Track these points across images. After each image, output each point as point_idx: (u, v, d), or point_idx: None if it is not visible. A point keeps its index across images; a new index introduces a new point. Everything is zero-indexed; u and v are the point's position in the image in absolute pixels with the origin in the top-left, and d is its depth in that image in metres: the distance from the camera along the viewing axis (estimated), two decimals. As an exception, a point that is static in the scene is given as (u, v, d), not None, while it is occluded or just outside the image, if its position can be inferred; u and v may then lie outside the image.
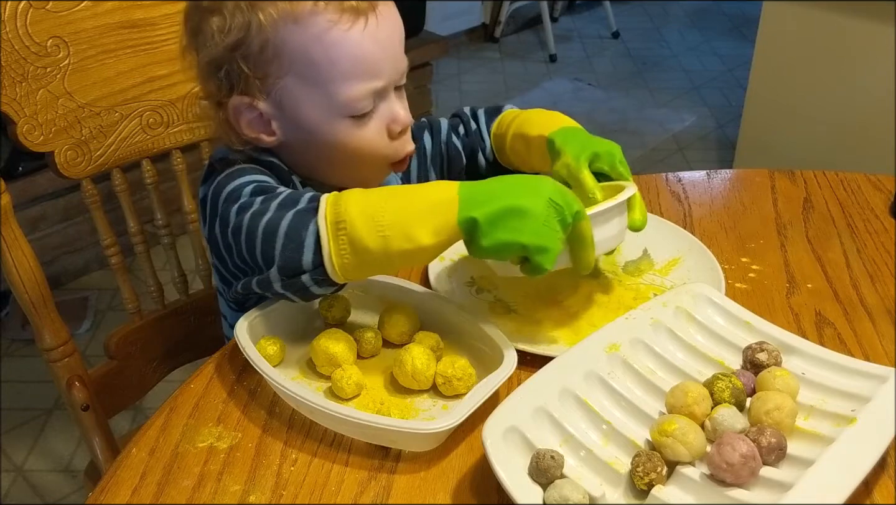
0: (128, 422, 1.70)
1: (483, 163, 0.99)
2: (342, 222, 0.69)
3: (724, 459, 0.61)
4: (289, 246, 0.71)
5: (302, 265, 0.71)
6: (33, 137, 0.92)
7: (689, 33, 3.76)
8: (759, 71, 2.38)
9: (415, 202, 0.70)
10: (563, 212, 0.70)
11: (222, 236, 0.78)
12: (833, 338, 0.81)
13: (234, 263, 0.79)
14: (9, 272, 0.91)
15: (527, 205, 0.69)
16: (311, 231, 0.70)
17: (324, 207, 0.71)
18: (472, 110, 1.01)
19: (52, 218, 2.06)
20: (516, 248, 0.69)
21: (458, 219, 0.69)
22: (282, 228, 0.71)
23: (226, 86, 0.80)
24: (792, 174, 1.10)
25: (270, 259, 0.72)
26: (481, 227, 0.69)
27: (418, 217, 0.69)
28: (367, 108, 0.80)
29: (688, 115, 3.04)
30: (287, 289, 0.73)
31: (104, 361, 1.06)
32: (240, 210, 0.75)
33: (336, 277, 0.71)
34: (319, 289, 0.73)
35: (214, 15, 0.78)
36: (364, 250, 0.69)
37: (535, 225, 0.69)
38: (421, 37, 2.72)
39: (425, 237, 0.69)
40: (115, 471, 0.68)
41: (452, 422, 0.66)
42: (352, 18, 0.77)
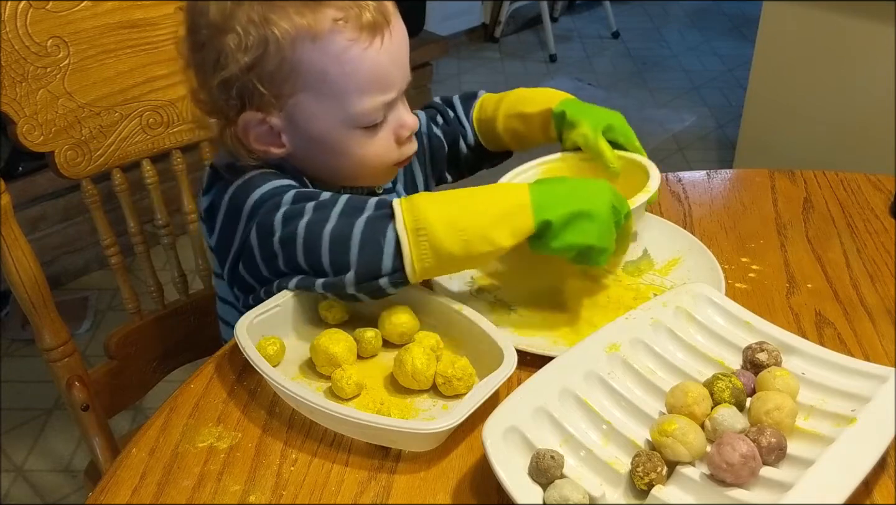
0: (128, 422, 1.70)
1: (465, 149, 1.02)
2: (422, 229, 0.72)
3: (724, 459, 0.61)
4: (366, 252, 0.73)
5: (381, 270, 0.73)
6: (33, 137, 0.92)
7: (689, 33, 3.76)
8: (759, 71, 2.38)
9: (491, 207, 0.74)
10: (620, 214, 0.76)
11: (262, 245, 0.77)
12: (833, 338, 0.81)
13: (275, 270, 0.79)
14: (9, 272, 0.91)
15: (594, 209, 0.74)
16: (390, 238, 0.72)
17: (400, 214, 0.73)
18: (446, 99, 1.03)
19: (52, 218, 2.06)
20: (583, 248, 0.74)
21: (535, 222, 0.73)
22: (355, 236, 0.73)
23: (237, 103, 0.80)
24: (792, 174, 1.10)
25: (344, 265, 0.74)
26: (554, 229, 0.73)
27: (497, 221, 0.73)
28: (379, 118, 0.82)
29: (688, 115, 3.04)
30: (361, 291, 0.75)
31: (104, 361, 1.06)
32: (287, 218, 0.76)
33: (415, 278, 0.74)
34: (394, 289, 0.76)
35: (228, 32, 0.76)
36: (446, 254, 0.72)
37: (600, 228, 0.74)
38: (421, 37, 2.72)
39: (505, 240, 0.73)
40: (115, 471, 0.68)
41: (452, 422, 0.66)
42: (370, 37, 0.77)
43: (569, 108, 0.91)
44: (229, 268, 0.84)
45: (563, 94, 0.95)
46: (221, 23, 0.76)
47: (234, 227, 0.80)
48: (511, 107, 0.96)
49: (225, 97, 0.79)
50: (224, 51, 0.76)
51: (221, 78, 0.78)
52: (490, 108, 0.99)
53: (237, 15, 0.75)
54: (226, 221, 0.81)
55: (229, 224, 0.81)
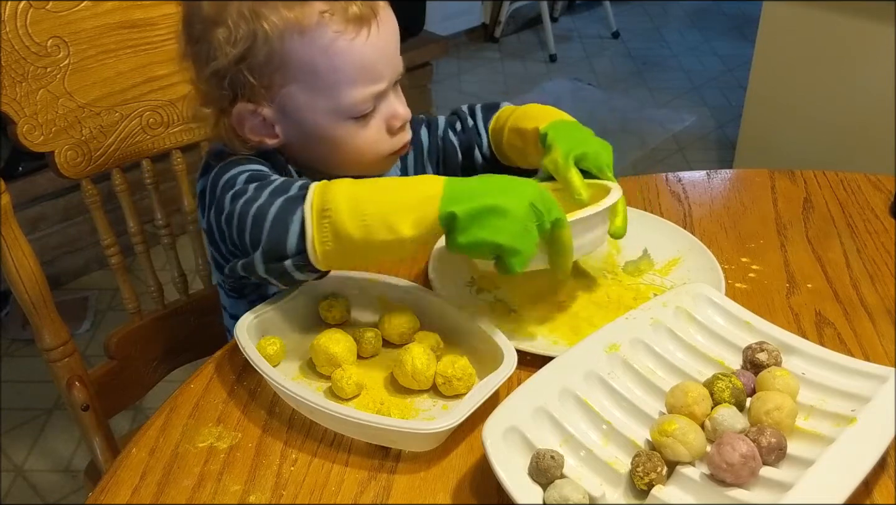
0: (128, 422, 1.70)
1: (480, 159, 1.00)
2: (327, 210, 0.71)
3: (724, 459, 0.61)
4: (275, 230, 0.72)
5: (286, 250, 0.72)
6: (33, 137, 0.92)
7: (689, 33, 3.76)
8: (759, 71, 2.38)
9: (399, 194, 0.72)
10: (543, 217, 0.71)
11: (216, 223, 0.80)
12: (833, 338, 0.81)
13: (228, 249, 0.81)
14: (9, 272, 0.91)
15: (507, 205, 0.69)
16: (297, 217, 0.72)
17: (311, 195, 0.72)
18: (470, 107, 1.02)
19: (52, 218, 2.06)
20: (491, 246, 0.70)
21: (439, 213, 0.70)
22: (270, 214, 0.73)
23: (229, 94, 0.82)
24: (792, 174, 1.10)
25: (257, 242, 0.74)
26: (460, 223, 0.70)
27: (401, 209, 0.70)
28: (369, 109, 0.83)
29: (688, 115, 3.04)
30: (270, 273, 0.75)
31: (104, 361, 1.06)
32: (234, 197, 0.77)
33: (317, 263, 0.72)
34: (301, 274, 0.74)
35: (219, 26, 0.78)
36: (346, 238, 0.71)
37: (512, 226, 0.69)
38: (421, 37, 2.72)
39: (406, 229, 0.70)
40: (115, 471, 0.68)
41: (452, 422, 0.66)
42: (356, 28, 0.79)
43: (551, 131, 0.87)
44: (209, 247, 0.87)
45: (562, 115, 0.91)
46: (214, 16, 0.78)
47: (210, 209, 0.82)
48: (516, 121, 0.94)
49: (218, 88, 0.81)
50: (214, 43, 0.78)
51: (213, 69, 0.80)
52: (502, 120, 0.97)
53: (229, 9, 0.78)
54: (207, 204, 0.83)
55: (208, 207, 0.83)
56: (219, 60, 0.79)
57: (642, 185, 1.07)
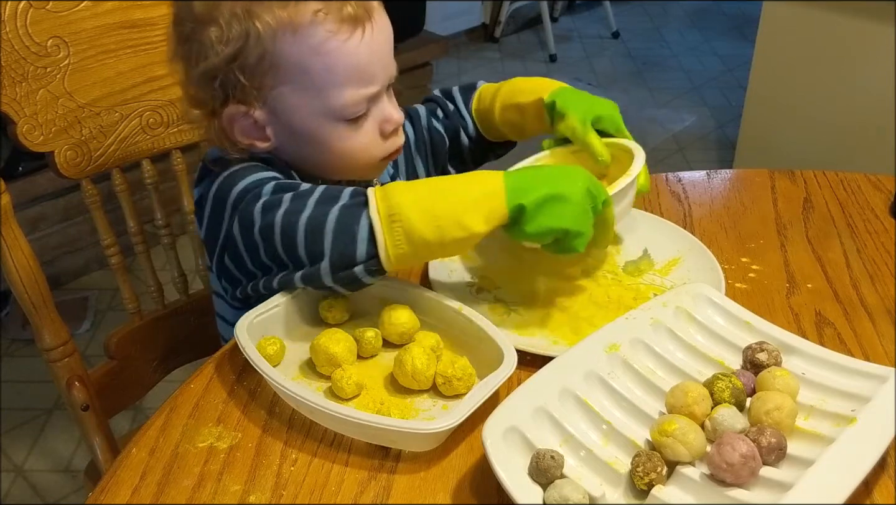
0: (128, 422, 1.70)
1: (466, 141, 1.02)
2: (395, 215, 0.72)
3: (724, 459, 0.61)
4: (340, 240, 0.73)
5: (356, 257, 0.73)
6: (33, 137, 0.92)
7: (689, 33, 3.76)
8: (759, 71, 2.38)
9: (464, 193, 0.74)
10: (596, 199, 0.75)
11: (244, 237, 0.78)
12: (833, 338, 0.81)
13: (258, 263, 0.79)
14: (9, 272, 0.91)
15: (567, 192, 0.73)
16: (364, 224, 0.72)
17: (374, 201, 0.73)
18: (445, 91, 1.03)
19: (52, 218, 2.06)
20: (558, 232, 0.74)
21: (508, 206, 0.73)
22: (329, 224, 0.73)
23: (220, 95, 0.81)
24: (792, 174, 1.10)
25: (318, 254, 0.74)
26: (528, 213, 0.73)
27: (470, 207, 0.73)
28: (361, 111, 0.82)
29: (688, 115, 3.04)
30: (338, 281, 0.75)
31: (104, 361, 1.06)
32: (266, 209, 0.76)
33: (390, 266, 0.74)
34: (371, 278, 0.76)
35: (211, 25, 0.77)
36: (420, 240, 0.72)
37: (575, 211, 0.73)
38: (421, 37, 2.71)
39: (478, 225, 0.72)
40: (115, 471, 0.68)
41: (452, 422, 0.66)
42: (350, 29, 0.78)
43: (559, 98, 0.90)
44: (216, 260, 0.85)
45: (556, 83, 0.94)
46: (205, 15, 0.78)
47: (220, 220, 0.81)
48: (507, 97, 0.96)
49: (209, 89, 0.81)
50: (206, 42, 0.78)
51: (204, 69, 0.79)
52: (488, 99, 0.99)
53: (221, 8, 0.77)
54: (212, 214, 0.82)
55: (215, 216, 0.82)
56: (210, 60, 0.78)
57: (642, 185, 1.07)
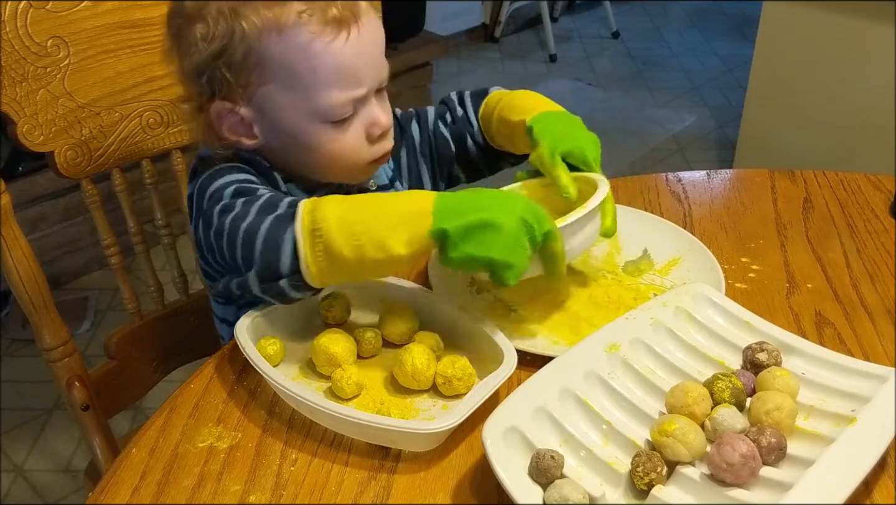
0: (128, 422, 1.70)
1: (473, 147, 1.00)
2: (318, 230, 0.71)
3: (724, 459, 0.61)
4: (267, 251, 0.72)
5: (280, 271, 0.72)
6: (33, 137, 0.92)
7: (689, 33, 3.76)
8: (759, 71, 2.38)
9: (390, 212, 0.72)
10: (534, 231, 0.71)
11: (205, 236, 0.79)
12: (833, 338, 0.81)
13: (217, 262, 0.81)
14: (9, 272, 0.91)
15: (498, 221, 0.70)
16: (289, 238, 0.72)
17: (301, 214, 0.72)
18: (459, 95, 1.02)
19: (52, 218, 2.06)
20: (484, 261, 0.71)
21: (431, 230, 0.70)
22: (261, 234, 0.73)
23: (207, 91, 0.81)
24: (792, 174, 1.10)
25: (250, 263, 0.74)
26: (451, 239, 0.70)
27: (392, 227, 0.71)
28: (348, 113, 0.82)
29: (688, 115, 3.04)
30: (265, 293, 0.75)
31: (104, 361, 1.06)
32: (222, 212, 0.77)
33: (313, 282, 0.73)
34: (297, 293, 0.75)
35: (198, 22, 0.78)
36: (339, 258, 0.71)
37: (504, 241, 0.70)
38: (421, 37, 2.71)
39: (398, 247, 0.70)
40: (115, 471, 0.68)
41: (452, 422, 0.66)
42: (334, 31, 0.78)
43: (536, 125, 0.87)
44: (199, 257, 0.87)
45: (549, 105, 0.91)
46: (194, 13, 0.79)
47: (198, 219, 0.82)
48: (502, 110, 0.94)
49: (197, 85, 0.81)
50: (192, 38, 0.79)
51: (191, 65, 0.80)
52: (491, 106, 0.97)
53: (209, 7, 0.78)
54: (195, 212, 0.83)
55: (196, 215, 0.83)
56: (197, 55, 0.79)
57: (642, 185, 1.07)
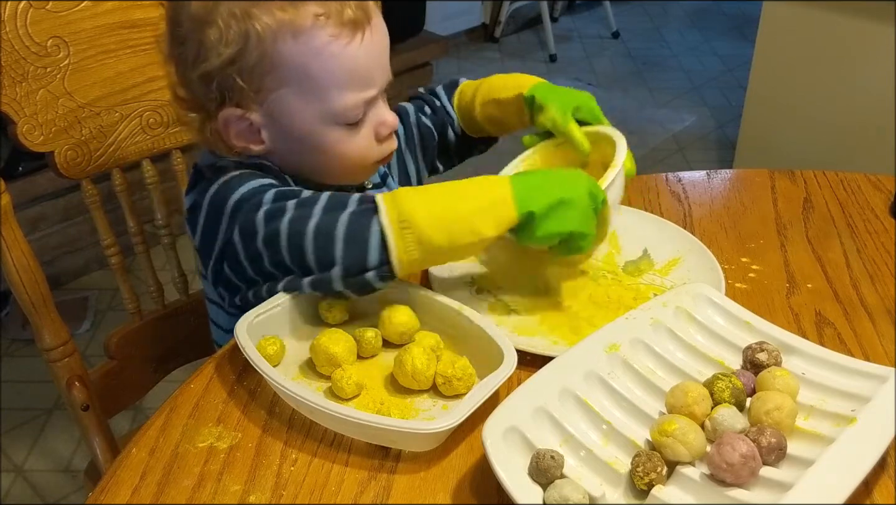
0: (128, 422, 1.70)
1: (452, 137, 1.04)
2: (405, 221, 0.72)
3: (724, 459, 0.61)
4: (352, 247, 0.73)
5: (367, 264, 0.74)
6: (33, 137, 0.92)
7: (689, 33, 3.76)
8: (759, 71, 2.38)
9: (474, 199, 0.75)
10: (597, 201, 0.77)
11: (246, 246, 0.78)
12: (833, 338, 0.81)
13: (261, 271, 0.79)
14: (9, 272, 0.91)
15: (572, 196, 0.76)
16: (375, 231, 0.73)
17: (384, 208, 0.73)
18: (430, 89, 1.05)
19: (52, 218, 2.06)
20: (565, 235, 0.76)
21: (518, 213, 0.74)
22: (339, 231, 0.73)
23: (217, 98, 0.80)
24: (792, 174, 1.10)
25: (329, 262, 0.74)
26: (537, 218, 0.75)
27: (480, 213, 0.74)
28: (359, 115, 0.82)
29: (688, 115, 3.04)
30: (349, 287, 0.76)
31: (104, 361, 1.06)
32: (269, 217, 0.76)
33: (402, 271, 0.75)
34: (382, 284, 0.76)
35: (209, 26, 0.76)
36: (431, 246, 0.73)
37: (580, 214, 0.76)
38: (421, 37, 2.71)
39: (488, 230, 0.74)
40: (115, 471, 0.68)
41: (452, 422, 0.66)
42: (350, 33, 0.78)
43: (538, 92, 0.92)
44: (213, 268, 0.84)
45: (535, 78, 0.96)
46: (203, 16, 0.77)
47: (216, 228, 0.80)
48: (486, 94, 0.97)
49: (205, 91, 0.80)
50: (205, 44, 0.77)
51: (202, 71, 0.79)
52: (468, 96, 1.00)
53: (219, 9, 0.76)
54: (207, 222, 0.82)
55: (211, 225, 0.81)
56: (210, 62, 0.77)
57: (642, 185, 1.07)
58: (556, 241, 0.77)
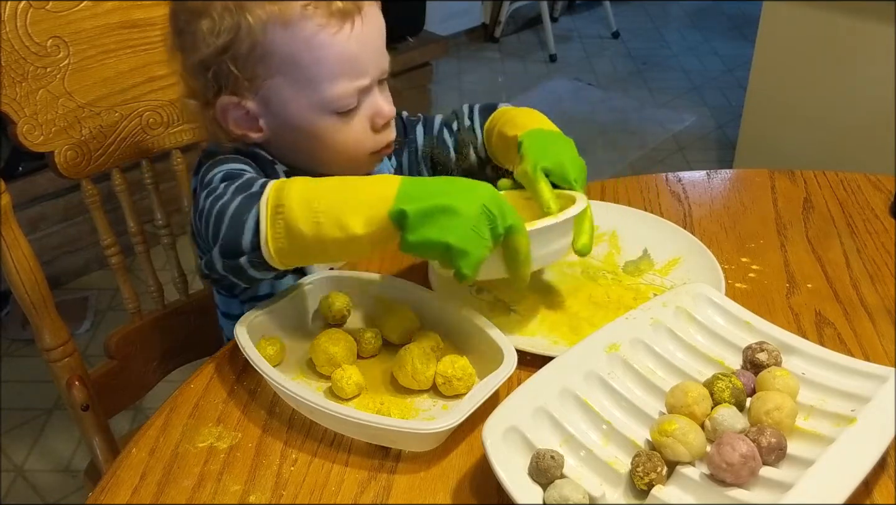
0: (128, 422, 1.70)
1: (474, 158, 1.00)
2: (281, 207, 0.71)
3: (724, 459, 0.61)
4: (232, 228, 0.72)
5: (241, 247, 0.72)
6: (33, 137, 0.92)
7: (689, 33, 3.76)
8: (759, 71, 2.38)
9: (354, 192, 0.71)
10: (496, 221, 0.70)
11: (194, 221, 0.80)
12: (833, 338, 0.81)
13: (201, 247, 0.82)
14: (9, 272, 0.91)
15: (458, 206, 0.68)
16: (253, 214, 0.72)
17: (267, 192, 0.72)
18: (469, 107, 1.03)
19: (52, 218, 2.06)
20: (440, 246, 0.69)
21: (390, 211, 0.69)
22: (230, 211, 0.73)
23: (213, 86, 0.82)
24: (792, 174, 1.10)
25: (216, 239, 0.74)
26: (410, 221, 0.68)
27: (353, 207, 0.70)
28: (353, 104, 0.83)
29: (688, 115, 3.04)
30: (227, 270, 0.75)
31: (104, 361, 1.06)
32: (207, 195, 0.77)
33: (272, 260, 0.72)
34: (257, 272, 0.75)
35: (203, 17, 0.79)
36: (298, 235, 0.70)
37: (462, 227, 0.68)
38: (421, 37, 2.71)
39: (357, 227, 0.69)
40: (115, 471, 0.68)
41: (452, 422, 0.66)
42: (339, 22, 0.79)
43: (525, 140, 0.86)
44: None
45: (547, 123, 0.91)
46: (199, 9, 0.79)
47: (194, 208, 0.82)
48: (503, 125, 0.94)
49: (203, 80, 0.82)
50: (198, 34, 0.79)
51: (197, 60, 0.81)
52: (493, 123, 0.97)
53: (214, 3, 0.79)
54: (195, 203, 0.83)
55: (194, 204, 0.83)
56: (202, 51, 0.80)
57: (642, 185, 1.07)
58: (434, 254, 0.70)
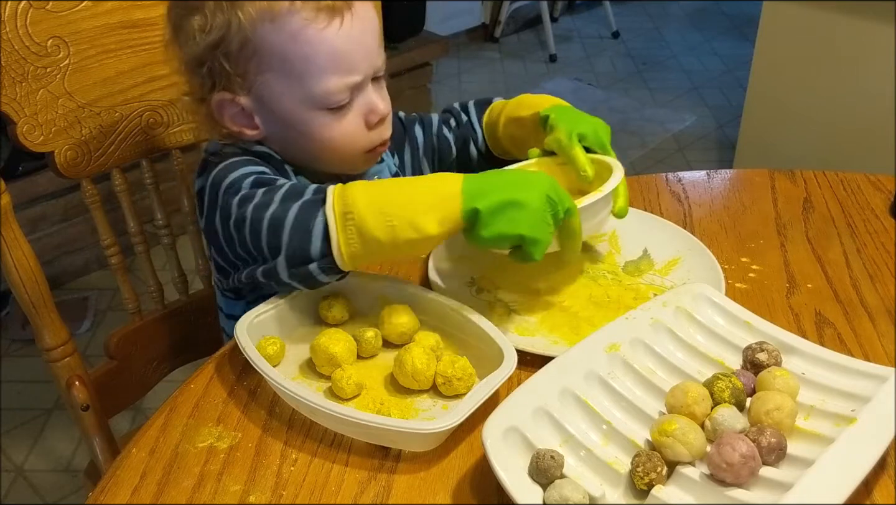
0: (128, 422, 1.70)
1: (475, 153, 1.02)
2: (350, 213, 0.72)
3: (724, 459, 0.61)
4: (296, 236, 0.73)
5: (310, 254, 0.73)
6: (33, 137, 0.92)
7: (689, 33, 3.76)
8: (759, 71, 2.38)
9: (421, 194, 0.73)
10: (557, 207, 0.74)
11: (223, 228, 0.80)
12: (833, 338, 0.81)
13: (235, 254, 0.81)
14: (9, 272, 0.91)
15: (525, 198, 0.72)
16: (319, 221, 0.73)
17: (331, 198, 0.73)
18: (463, 104, 1.04)
19: (52, 218, 2.06)
20: (513, 238, 0.73)
21: (462, 210, 0.72)
22: (289, 219, 0.73)
23: (208, 82, 0.83)
24: (792, 174, 1.10)
25: (277, 249, 0.74)
26: (483, 217, 0.72)
27: (425, 208, 0.72)
28: (344, 100, 0.83)
29: (688, 115, 3.04)
30: (293, 278, 0.75)
31: (104, 361, 1.06)
32: (241, 202, 0.77)
33: (343, 265, 0.74)
34: (326, 277, 0.75)
35: (195, 14, 0.80)
36: (372, 239, 0.72)
37: (531, 218, 0.72)
38: (421, 37, 2.71)
39: (431, 227, 0.72)
40: (115, 471, 0.68)
41: (452, 422, 0.66)
42: (327, 18, 0.79)
43: (552, 113, 0.90)
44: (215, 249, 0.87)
45: (558, 100, 0.94)
46: (192, 5, 0.80)
47: (213, 211, 0.82)
48: (510, 112, 0.96)
49: (198, 76, 0.83)
50: (191, 30, 0.80)
51: (191, 56, 0.82)
52: (495, 113, 0.99)
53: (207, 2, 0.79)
54: (208, 206, 0.83)
55: (209, 208, 0.83)
56: (192, 48, 0.81)
57: (642, 185, 1.07)
58: (506, 245, 0.75)
